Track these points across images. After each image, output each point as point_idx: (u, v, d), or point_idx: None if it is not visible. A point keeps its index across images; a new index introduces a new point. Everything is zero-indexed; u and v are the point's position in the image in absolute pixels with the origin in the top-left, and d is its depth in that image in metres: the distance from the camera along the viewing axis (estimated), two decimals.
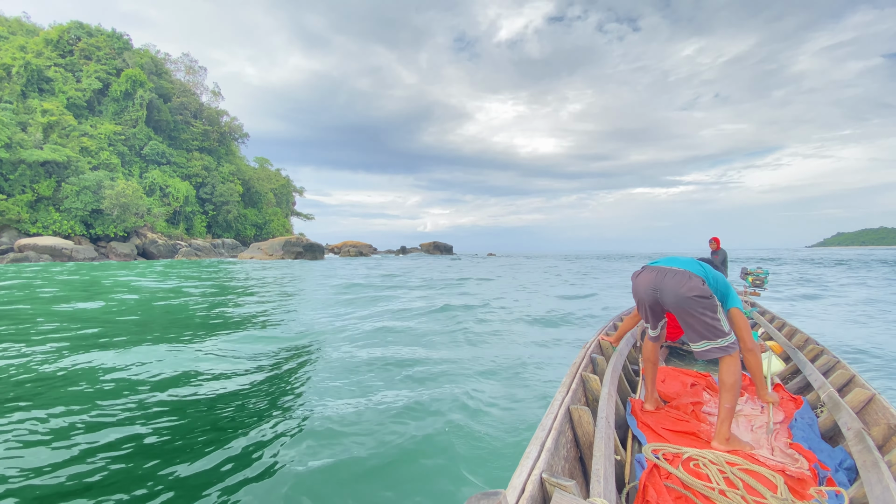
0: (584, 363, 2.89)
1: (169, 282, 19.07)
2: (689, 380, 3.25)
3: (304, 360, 6.17)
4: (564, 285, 20.36)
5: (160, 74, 65.24)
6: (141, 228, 50.87)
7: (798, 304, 13.31)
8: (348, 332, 8.05)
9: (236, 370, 5.53)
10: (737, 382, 2.34)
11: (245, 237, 70.04)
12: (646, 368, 2.85)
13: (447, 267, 33.79)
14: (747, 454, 2.16)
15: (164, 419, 3.97)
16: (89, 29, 60.80)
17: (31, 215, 43.79)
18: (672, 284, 2.49)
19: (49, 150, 45.23)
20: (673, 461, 2.03)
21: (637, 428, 2.45)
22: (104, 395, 4.54)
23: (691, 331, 2.49)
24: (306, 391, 4.84)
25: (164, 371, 5.39)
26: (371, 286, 18.40)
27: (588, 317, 10.38)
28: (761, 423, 2.57)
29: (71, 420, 3.90)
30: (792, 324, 4.92)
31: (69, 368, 5.42)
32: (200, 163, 63.52)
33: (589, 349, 3.19)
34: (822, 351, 3.79)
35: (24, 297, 12.72)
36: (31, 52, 52.62)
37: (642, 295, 2.66)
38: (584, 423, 2.10)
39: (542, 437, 1.77)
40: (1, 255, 36.53)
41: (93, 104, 56.35)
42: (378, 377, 5.34)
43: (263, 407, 4.31)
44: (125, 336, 7.39)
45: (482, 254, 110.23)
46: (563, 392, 2.31)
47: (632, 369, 3.65)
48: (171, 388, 4.77)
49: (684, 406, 2.75)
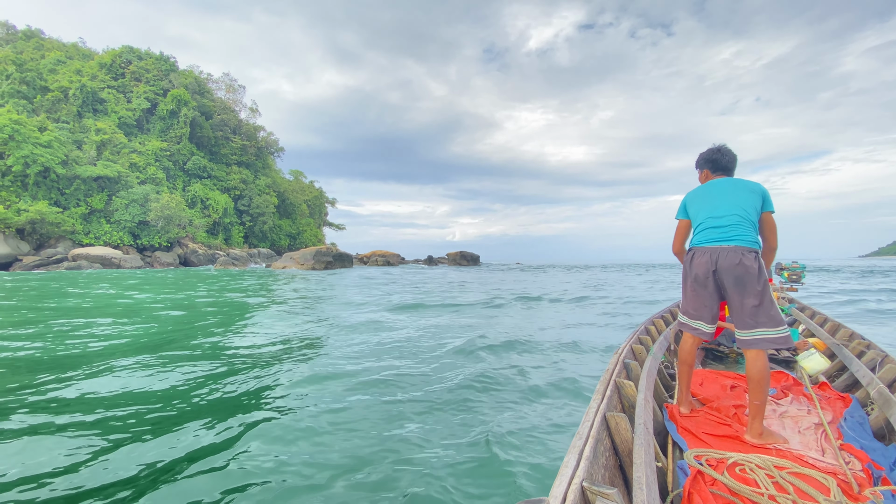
0: (618, 369, 2.76)
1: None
2: (729, 382, 3.15)
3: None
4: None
5: (203, 93, 68.74)
6: (183, 239, 53.40)
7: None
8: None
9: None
10: (765, 376, 2.27)
11: (280, 247, 72.30)
12: (681, 371, 2.72)
13: (461, 285, 25.79)
14: (796, 456, 2.08)
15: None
16: (139, 53, 64.95)
17: (84, 227, 46.74)
18: (731, 260, 2.41)
19: (101, 167, 48.33)
20: (717, 467, 1.96)
21: (677, 433, 2.38)
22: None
23: (745, 315, 2.39)
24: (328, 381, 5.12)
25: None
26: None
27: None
28: (809, 424, 2.47)
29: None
30: (833, 318, 4.69)
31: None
32: (239, 176, 66.28)
33: (621, 355, 3.07)
34: (869, 345, 3.65)
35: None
36: (87, 76, 56.56)
37: (699, 274, 2.56)
38: (622, 431, 2.03)
39: (580, 445, 1.72)
40: (56, 264, 39.16)
41: (141, 122, 59.91)
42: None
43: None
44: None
45: (510, 263, 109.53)
46: (597, 399, 2.23)
47: (667, 373, 3.53)
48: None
49: (725, 408, 2.64)
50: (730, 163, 2.71)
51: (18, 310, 11.22)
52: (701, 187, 2.73)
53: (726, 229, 2.46)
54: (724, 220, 2.49)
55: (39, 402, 4.27)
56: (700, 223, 2.62)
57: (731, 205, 2.50)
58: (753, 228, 2.45)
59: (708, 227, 2.55)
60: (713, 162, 2.73)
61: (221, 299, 14.52)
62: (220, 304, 13.16)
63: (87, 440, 3.42)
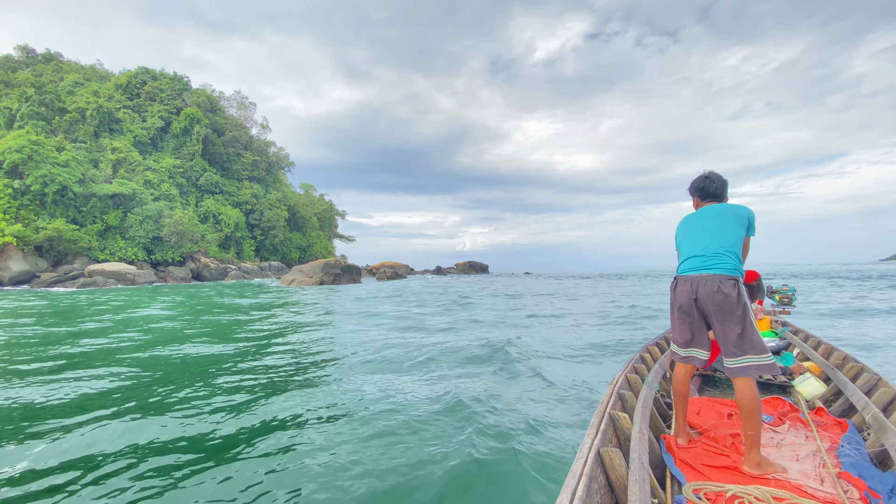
0: (613, 401, 2.70)
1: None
2: (726, 410, 3.11)
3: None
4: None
5: (215, 111, 70.30)
6: (195, 253, 54.26)
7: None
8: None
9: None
10: (756, 405, 2.27)
11: (290, 259, 73.01)
12: (676, 402, 2.69)
13: (462, 293, 30.47)
14: (795, 486, 2.07)
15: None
16: (154, 73, 66.82)
17: (100, 243, 47.77)
18: (709, 287, 2.45)
19: (117, 184, 49.49)
20: (716, 501, 1.94)
21: (675, 466, 2.33)
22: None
23: (729, 343, 2.41)
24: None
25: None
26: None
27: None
28: (807, 452, 2.45)
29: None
30: (827, 341, 4.66)
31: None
32: (250, 191, 67.38)
33: (616, 385, 3.00)
34: (862, 368, 3.64)
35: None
36: (103, 97, 58.27)
37: (682, 303, 2.61)
38: (617, 466, 1.99)
39: (573, 484, 1.68)
40: (73, 280, 40.05)
41: (156, 140, 61.39)
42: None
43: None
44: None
45: (518, 272, 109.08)
46: (591, 434, 2.19)
47: (664, 402, 3.44)
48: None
49: (723, 438, 2.62)
50: (718, 189, 2.73)
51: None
52: (687, 217, 2.81)
53: (705, 258, 2.52)
54: (704, 248, 2.55)
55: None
56: (684, 252, 2.69)
57: (712, 234, 2.55)
58: (734, 257, 2.48)
59: (690, 257, 2.61)
60: (701, 190, 2.78)
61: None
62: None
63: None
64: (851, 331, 10.69)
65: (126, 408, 4.93)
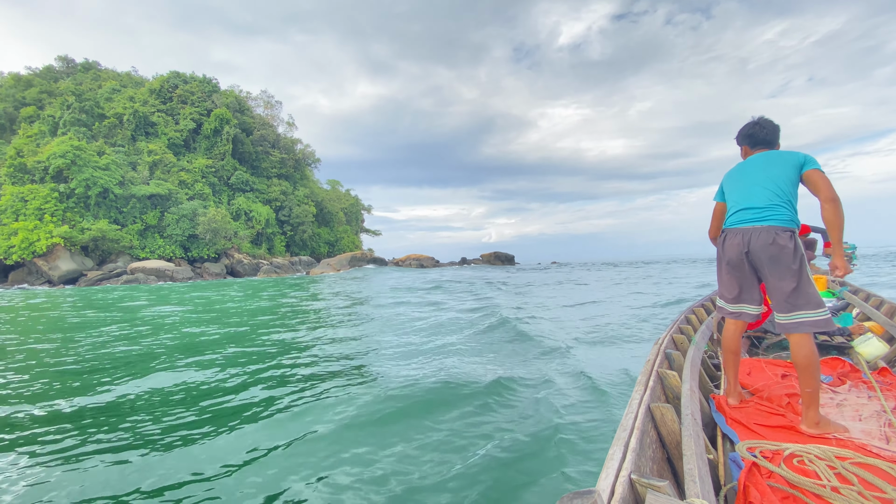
0: (659, 360, 2.68)
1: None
2: (779, 370, 3.00)
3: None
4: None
5: (243, 111, 72.08)
6: (229, 250, 56.11)
7: None
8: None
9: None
10: (813, 361, 2.16)
11: (319, 254, 74.52)
12: (726, 360, 2.61)
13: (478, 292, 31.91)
14: (858, 446, 1.97)
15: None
16: (184, 77, 69.00)
17: (140, 242, 50.03)
18: (764, 239, 2.30)
19: (154, 185, 51.64)
20: (773, 459, 1.86)
21: (726, 425, 2.28)
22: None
23: (782, 298, 2.28)
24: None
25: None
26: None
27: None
28: (870, 412, 2.34)
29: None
30: (892, 301, 4.44)
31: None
32: (279, 188, 69.00)
33: (662, 345, 2.98)
34: None
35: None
36: (139, 102, 60.62)
37: (732, 257, 2.46)
38: (669, 422, 1.96)
39: (625, 437, 1.66)
40: (117, 277, 42.16)
41: (188, 142, 63.56)
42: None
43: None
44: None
45: (545, 262, 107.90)
46: (640, 390, 2.16)
47: (711, 364, 3.38)
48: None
49: (777, 398, 2.52)
50: (769, 135, 2.54)
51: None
52: (737, 166, 2.64)
53: (759, 210, 2.36)
54: (757, 199, 2.39)
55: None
56: (733, 204, 2.53)
57: (764, 182, 2.39)
58: (789, 206, 2.33)
59: (741, 208, 2.45)
60: (751, 137, 2.59)
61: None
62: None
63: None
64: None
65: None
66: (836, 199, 2.22)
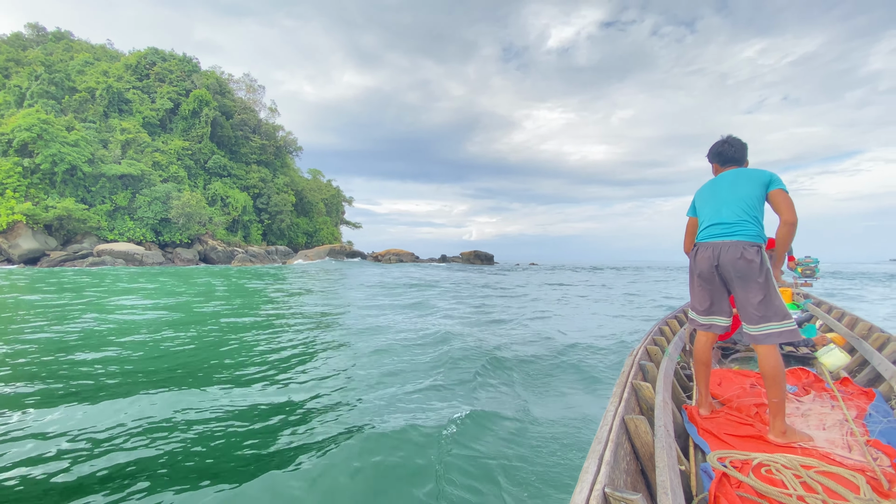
0: (633, 371, 2.74)
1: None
2: (748, 381, 3.09)
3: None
4: None
5: (223, 93, 70.09)
6: (203, 236, 54.57)
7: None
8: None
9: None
10: (780, 372, 2.24)
11: (297, 244, 73.32)
12: (698, 371, 2.68)
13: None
14: (822, 454, 2.05)
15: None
16: (163, 54, 66.62)
17: (108, 223, 48.15)
18: (732, 254, 2.40)
19: (126, 165, 49.74)
20: (742, 468, 1.92)
21: (698, 435, 2.33)
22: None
23: (751, 309, 2.37)
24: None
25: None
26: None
27: None
28: (833, 421, 2.43)
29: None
30: (851, 312, 4.65)
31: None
32: (258, 175, 67.43)
33: (636, 356, 3.03)
34: (889, 338, 3.60)
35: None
36: (113, 77, 58.23)
37: (703, 270, 2.56)
38: (642, 434, 2.00)
39: (600, 450, 1.69)
40: (82, 259, 40.44)
41: (164, 122, 61.43)
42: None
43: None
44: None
45: (524, 263, 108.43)
46: (615, 402, 2.20)
47: (684, 374, 3.46)
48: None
49: (746, 408, 2.60)
50: (737, 153, 2.67)
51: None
52: (707, 184, 2.75)
53: (728, 225, 2.47)
54: (726, 215, 2.49)
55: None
56: (704, 219, 2.64)
57: (732, 199, 2.50)
58: (756, 222, 2.44)
59: (711, 224, 2.56)
60: (720, 154, 2.72)
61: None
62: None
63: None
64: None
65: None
66: (794, 222, 2.39)
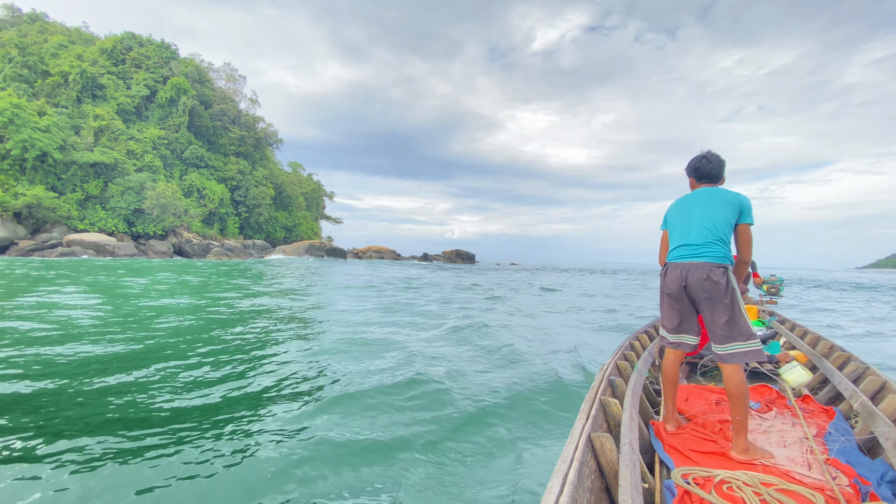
0: (603, 387, 2.73)
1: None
2: (714, 397, 3.12)
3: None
4: None
5: (203, 82, 68.85)
6: (178, 228, 53.81)
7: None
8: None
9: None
10: (743, 390, 2.30)
11: (275, 239, 72.72)
12: (665, 388, 2.71)
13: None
14: (783, 472, 2.07)
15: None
16: (140, 39, 65.02)
17: (79, 212, 47.13)
18: (699, 275, 2.46)
19: (99, 153, 48.64)
20: (705, 485, 1.93)
21: (664, 452, 2.33)
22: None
23: (717, 329, 2.43)
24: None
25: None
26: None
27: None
28: (794, 438, 2.45)
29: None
30: (814, 331, 4.68)
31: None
32: (236, 167, 66.61)
33: (606, 372, 3.03)
34: (850, 357, 3.64)
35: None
36: (87, 61, 56.63)
37: (672, 290, 2.60)
38: (608, 451, 2.00)
39: (564, 469, 1.68)
40: (51, 249, 39.64)
41: (140, 110, 60.12)
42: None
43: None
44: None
45: (504, 263, 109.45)
46: (582, 419, 2.20)
47: (653, 389, 3.45)
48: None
49: (711, 424, 2.63)
50: (714, 169, 2.68)
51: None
52: (680, 199, 2.77)
53: (696, 247, 2.52)
54: (694, 236, 2.54)
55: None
56: (674, 239, 2.68)
57: (702, 221, 2.54)
58: (723, 244, 2.49)
59: (680, 244, 2.61)
60: (697, 170, 2.73)
61: None
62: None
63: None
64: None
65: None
66: (749, 262, 2.56)
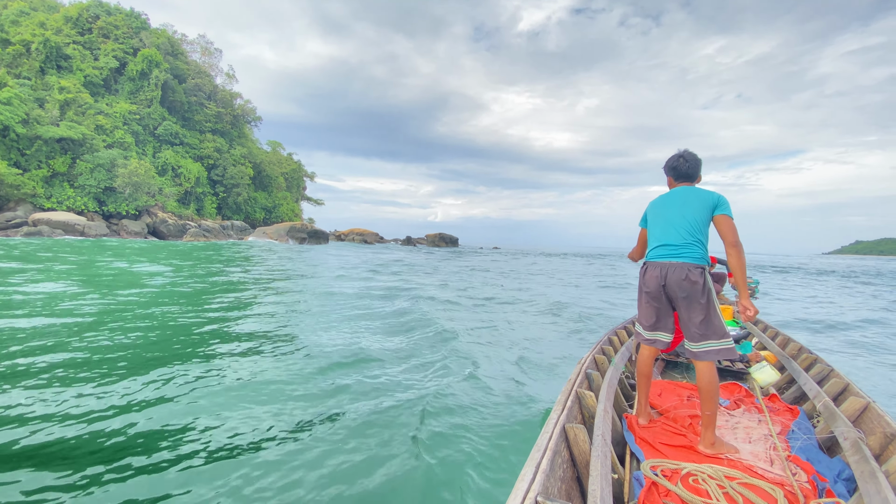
0: (580, 379, 2.80)
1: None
2: (686, 393, 3.24)
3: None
4: None
5: (176, 55, 65.60)
6: (152, 207, 51.71)
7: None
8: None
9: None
10: (715, 387, 2.38)
11: (254, 220, 70.77)
12: (639, 382, 2.80)
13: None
14: (746, 467, 2.17)
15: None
16: (108, 7, 61.29)
17: (45, 190, 44.69)
18: (678, 275, 2.51)
19: (65, 127, 45.93)
20: (671, 477, 2.02)
21: (635, 444, 2.42)
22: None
23: (692, 328, 2.50)
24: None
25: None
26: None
27: None
28: (759, 435, 2.56)
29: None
30: (785, 333, 4.94)
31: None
32: (213, 144, 64.08)
33: (584, 365, 3.11)
34: (816, 360, 3.82)
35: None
36: (51, 29, 53.13)
37: (651, 288, 2.66)
38: (581, 442, 2.06)
39: (538, 457, 1.72)
40: (15, 228, 37.59)
41: (109, 83, 56.99)
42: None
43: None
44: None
45: (487, 247, 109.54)
46: (558, 410, 2.26)
47: (628, 384, 3.57)
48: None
49: (681, 419, 2.73)
50: (691, 169, 2.74)
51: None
52: (659, 199, 2.83)
53: (675, 247, 2.58)
54: (673, 237, 2.60)
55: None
56: (654, 239, 2.74)
57: (680, 222, 2.60)
58: (700, 245, 2.56)
59: (659, 244, 2.67)
60: (674, 169, 2.79)
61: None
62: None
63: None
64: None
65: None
66: (739, 245, 2.48)
